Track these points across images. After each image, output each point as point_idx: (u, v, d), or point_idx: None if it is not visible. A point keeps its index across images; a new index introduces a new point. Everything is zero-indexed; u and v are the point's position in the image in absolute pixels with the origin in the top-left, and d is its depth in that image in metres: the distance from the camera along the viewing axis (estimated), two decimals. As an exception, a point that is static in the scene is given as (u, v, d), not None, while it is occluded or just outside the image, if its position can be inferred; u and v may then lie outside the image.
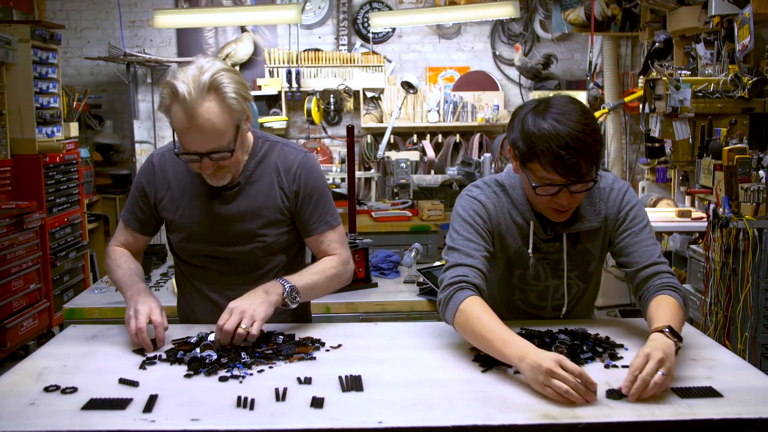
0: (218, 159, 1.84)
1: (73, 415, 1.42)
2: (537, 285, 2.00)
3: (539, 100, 1.81)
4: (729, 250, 3.24)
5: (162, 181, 2.04)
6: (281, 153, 2.05)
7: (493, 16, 6.30)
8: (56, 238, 5.06)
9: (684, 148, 4.20)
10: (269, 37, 7.15)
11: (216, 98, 1.78)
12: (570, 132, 1.70)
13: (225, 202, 2.00)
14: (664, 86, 4.08)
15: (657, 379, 1.48)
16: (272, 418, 1.40)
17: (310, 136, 7.25)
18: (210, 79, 1.77)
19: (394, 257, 3.17)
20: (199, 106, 1.76)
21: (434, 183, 5.41)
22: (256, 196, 2.01)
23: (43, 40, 4.98)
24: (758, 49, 3.97)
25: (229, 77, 1.81)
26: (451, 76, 7.22)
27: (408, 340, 1.89)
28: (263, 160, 2.03)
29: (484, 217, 1.94)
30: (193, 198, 2.02)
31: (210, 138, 1.80)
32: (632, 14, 6.00)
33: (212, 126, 1.78)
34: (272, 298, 1.84)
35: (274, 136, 2.10)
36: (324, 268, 2.03)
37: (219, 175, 1.90)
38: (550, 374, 1.47)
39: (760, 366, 3.06)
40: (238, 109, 1.82)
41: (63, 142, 5.23)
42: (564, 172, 1.73)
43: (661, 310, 1.74)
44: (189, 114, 1.76)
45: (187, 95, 1.75)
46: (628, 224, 1.93)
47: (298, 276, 1.95)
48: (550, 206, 1.84)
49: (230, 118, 1.82)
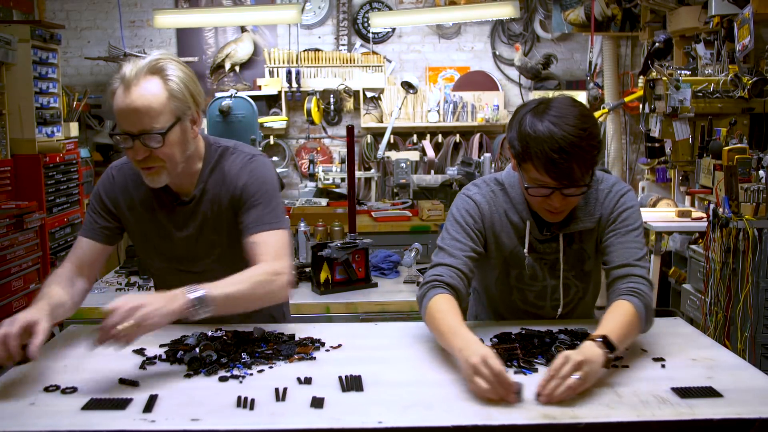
0: (150, 143, 1.78)
1: (73, 415, 1.42)
2: (534, 285, 2.00)
3: (541, 100, 1.80)
4: (729, 250, 3.24)
5: (120, 192, 2.00)
6: (230, 158, 1.99)
7: (493, 16, 6.30)
8: (56, 238, 5.06)
9: (684, 148, 4.20)
10: (269, 37, 7.15)
11: (157, 79, 1.78)
12: (565, 136, 1.69)
13: (183, 216, 1.97)
14: (664, 86, 4.08)
15: (571, 381, 1.46)
16: (272, 418, 1.40)
17: (310, 136, 7.25)
18: (154, 62, 1.78)
19: (394, 257, 3.17)
20: (137, 83, 1.75)
21: (434, 183, 5.41)
22: (211, 207, 1.97)
23: (43, 40, 4.97)
24: (758, 49, 3.97)
25: (176, 66, 1.81)
26: (451, 76, 7.22)
27: (408, 340, 1.89)
28: (215, 167, 1.97)
29: (476, 217, 1.94)
30: (152, 212, 1.98)
31: (142, 116, 1.76)
32: (632, 14, 6.00)
33: (145, 102, 1.75)
34: (173, 306, 1.61)
35: (227, 141, 2.04)
36: (249, 276, 1.80)
37: (153, 169, 1.83)
38: (474, 370, 1.48)
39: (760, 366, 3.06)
40: (179, 97, 1.80)
41: (63, 142, 5.23)
42: (556, 175, 1.72)
43: (608, 318, 1.71)
44: (125, 91, 1.76)
45: (128, 73, 1.76)
46: (616, 225, 1.91)
47: (216, 283, 1.72)
48: (543, 207, 1.84)
49: (167, 101, 1.78)
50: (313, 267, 2.87)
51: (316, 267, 2.83)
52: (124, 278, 3.06)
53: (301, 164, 7.20)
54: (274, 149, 7.12)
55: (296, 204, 5.15)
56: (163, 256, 2.03)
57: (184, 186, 1.96)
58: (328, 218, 3.72)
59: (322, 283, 2.81)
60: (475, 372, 1.48)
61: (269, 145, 7.03)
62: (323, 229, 3.51)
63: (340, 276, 2.85)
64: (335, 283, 2.84)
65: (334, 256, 2.78)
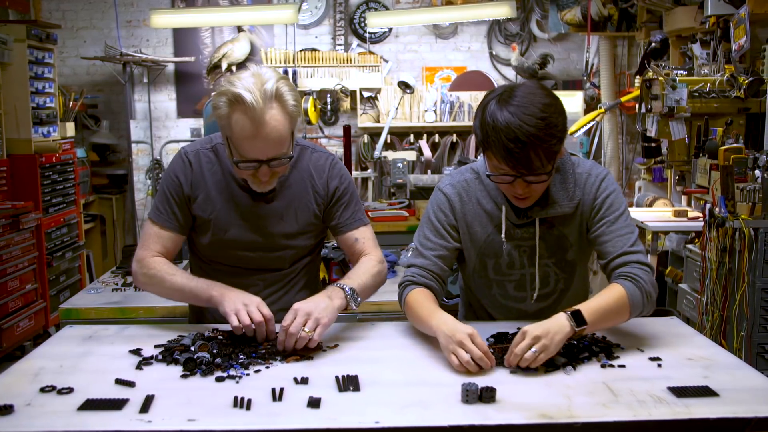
0: (276, 165, 1.87)
1: (70, 415, 1.42)
2: (513, 274, 1.99)
3: (507, 87, 1.81)
4: (725, 249, 3.24)
5: (199, 178, 2.01)
6: (312, 157, 2.07)
7: (490, 16, 6.30)
8: (52, 239, 5.05)
9: (680, 147, 4.21)
10: (266, 37, 7.15)
11: (279, 106, 1.81)
12: (521, 126, 1.70)
13: (265, 202, 2.01)
14: (660, 86, 4.09)
15: (528, 354, 1.60)
16: (269, 419, 1.40)
17: (306, 136, 7.24)
18: (274, 87, 1.80)
19: (391, 257, 3.17)
20: (266, 114, 1.78)
21: (431, 183, 5.40)
22: (291, 199, 2.03)
23: (39, 40, 4.97)
24: (754, 49, 3.98)
25: (288, 86, 1.85)
26: (448, 76, 7.22)
27: (405, 340, 1.89)
28: (296, 164, 2.04)
29: (446, 211, 1.99)
30: (230, 199, 2.01)
31: (274, 145, 1.83)
32: (629, 14, 6.01)
33: (278, 134, 1.81)
34: (336, 303, 1.84)
35: (302, 140, 2.12)
36: (369, 267, 2.02)
37: (270, 181, 1.92)
38: (460, 344, 1.62)
39: (756, 365, 3.07)
40: (296, 117, 1.86)
41: (59, 142, 5.22)
42: (513, 164, 1.75)
43: (594, 297, 1.79)
44: (257, 121, 1.78)
45: (255, 103, 1.76)
46: (604, 212, 1.91)
47: (350, 279, 1.95)
48: (510, 194, 1.87)
49: (290, 125, 1.86)
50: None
51: (312, 267, 2.83)
52: (121, 278, 3.05)
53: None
54: (270, 149, 7.12)
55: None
56: (234, 243, 2.03)
57: None
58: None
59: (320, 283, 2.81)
60: (460, 345, 1.62)
61: (266, 145, 7.02)
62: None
63: (336, 276, 2.85)
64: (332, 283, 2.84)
65: (331, 256, 2.78)
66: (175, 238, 2.03)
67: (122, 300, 2.74)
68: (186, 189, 2.01)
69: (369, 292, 2.01)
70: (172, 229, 2.02)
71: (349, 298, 1.88)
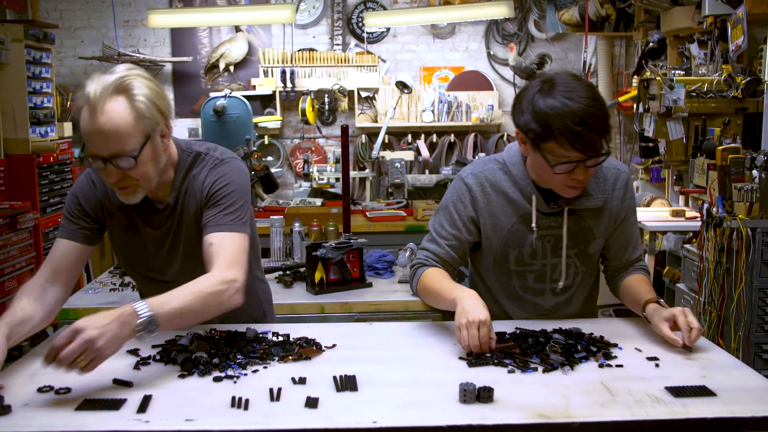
0: (121, 166, 1.72)
1: (67, 415, 1.42)
2: (534, 264, 1.99)
3: (542, 80, 1.82)
4: (723, 249, 3.25)
5: (103, 196, 1.94)
6: (202, 163, 1.93)
7: (488, 16, 6.31)
8: (50, 239, 5.03)
9: (678, 147, 4.21)
10: (264, 36, 7.15)
11: (123, 100, 1.70)
12: (582, 108, 1.73)
13: (158, 224, 1.93)
14: (658, 86, 4.09)
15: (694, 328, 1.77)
16: (266, 419, 1.40)
17: (304, 136, 7.24)
18: (118, 80, 1.70)
19: (389, 257, 3.17)
20: (103, 106, 1.67)
21: (429, 183, 5.41)
22: (184, 214, 1.92)
23: (36, 40, 4.96)
24: (751, 49, 3.99)
25: (142, 83, 1.73)
26: (446, 75, 7.22)
27: (403, 340, 1.89)
28: (188, 173, 1.92)
29: (465, 202, 1.98)
30: (129, 218, 1.94)
31: (111, 140, 1.69)
32: (626, 14, 6.02)
33: (114, 126, 1.68)
34: (125, 332, 1.55)
35: (200, 145, 1.97)
36: (201, 287, 1.71)
37: (128, 188, 1.79)
38: (474, 324, 1.68)
39: (753, 365, 3.07)
40: (147, 116, 1.73)
41: (57, 142, 5.21)
42: (582, 147, 1.75)
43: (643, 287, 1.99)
44: (92, 113, 1.68)
45: (92, 94, 1.67)
46: (627, 213, 2.02)
47: (162, 299, 1.64)
48: (565, 183, 1.85)
49: (136, 122, 1.71)
50: (307, 267, 2.86)
51: (310, 267, 2.83)
52: (118, 278, 3.05)
53: (296, 164, 7.20)
54: (268, 149, 7.12)
55: (291, 204, 5.15)
56: (138, 264, 2.00)
57: (159, 193, 1.91)
58: (322, 218, 3.71)
59: (317, 283, 2.81)
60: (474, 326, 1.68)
61: (264, 145, 7.02)
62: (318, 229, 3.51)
63: (334, 276, 2.85)
64: (330, 283, 2.84)
65: (328, 256, 2.78)
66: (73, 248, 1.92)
67: (120, 300, 2.73)
68: (87, 208, 1.94)
69: (191, 316, 1.69)
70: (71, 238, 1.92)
71: (141, 327, 1.56)
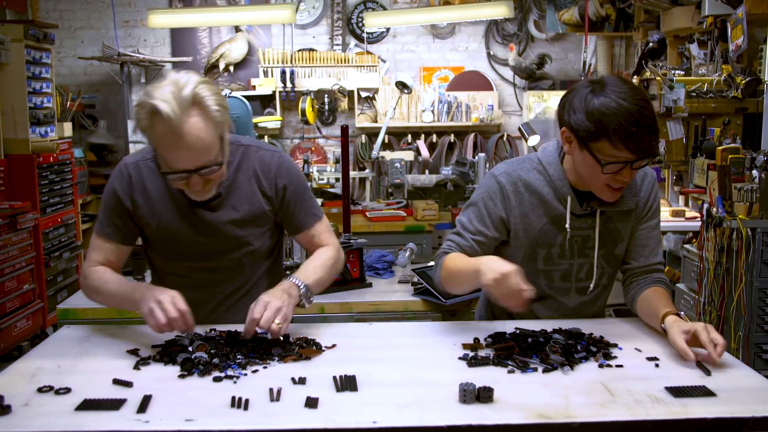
0: (207, 174, 1.79)
1: (67, 415, 1.42)
2: (562, 264, 2.00)
3: (591, 81, 1.83)
4: (723, 249, 3.25)
5: (138, 189, 1.96)
6: (257, 156, 2.00)
7: (488, 16, 6.31)
8: (50, 239, 5.04)
9: (678, 147, 4.21)
10: (263, 36, 7.15)
11: (200, 112, 1.73)
12: (637, 109, 1.74)
13: (209, 210, 1.96)
14: (657, 86, 4.10)
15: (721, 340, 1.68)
16: (266, 419, 1.40)
17: (304, 136, 7.24)
18: (192, 94, 1.72)
19: (389, 257, 3.17)
20: (185, 123, 1.70)
21: (429, 183, 5.41)
22: (239, 203, 1.98)
23: (36, 40, 4.96)
24: (751, 49, 3.99)
25: (209, 89, 1.76)
26: (446, 76, 7.23)
27: (402, 340, 1.89)
28: (240, 166, 1.98)
29: (496, 200, 1.97)
30: (175, 209, 1.96)
31: (199, 154, 1.75)
32: (626, 14, 6.02)
33: (201, 142, 1.73)
34: (293, 300, 1.83)
35: (245, 139, 2.04)
36: (324, 259, 2.02)
37: (206, 189, 1.85)
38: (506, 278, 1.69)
39: (753, 365, 3.07)
40: (221, 121, 1.78)
41: (57, 142, 5.21)
42: (635, 148, 1.75)
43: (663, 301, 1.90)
44: (176, 132, 1.70)
45: (171, 113, 1.68)
46: (651, 215, 2.02)
47: (304, 273, 1.93)
48: (609, 184, 1.85)
49: (215, 130, 1.77)
50: (307, 267, 2.86)
51: (310, 267, 2.82)
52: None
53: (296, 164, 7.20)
54: (268, 149, 7.11)
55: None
56: (185, 254, 2.01)
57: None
58: (322, 218, 3.71)
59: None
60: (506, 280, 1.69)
61: (264, 145, 7.02)
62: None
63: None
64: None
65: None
66: (119, 248, 2.01)
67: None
68: (125, 201, 1.96)
69: (323, 285, 2.00)
70: (114, 240, 1.99)
71: (302, 296, 1.87)
